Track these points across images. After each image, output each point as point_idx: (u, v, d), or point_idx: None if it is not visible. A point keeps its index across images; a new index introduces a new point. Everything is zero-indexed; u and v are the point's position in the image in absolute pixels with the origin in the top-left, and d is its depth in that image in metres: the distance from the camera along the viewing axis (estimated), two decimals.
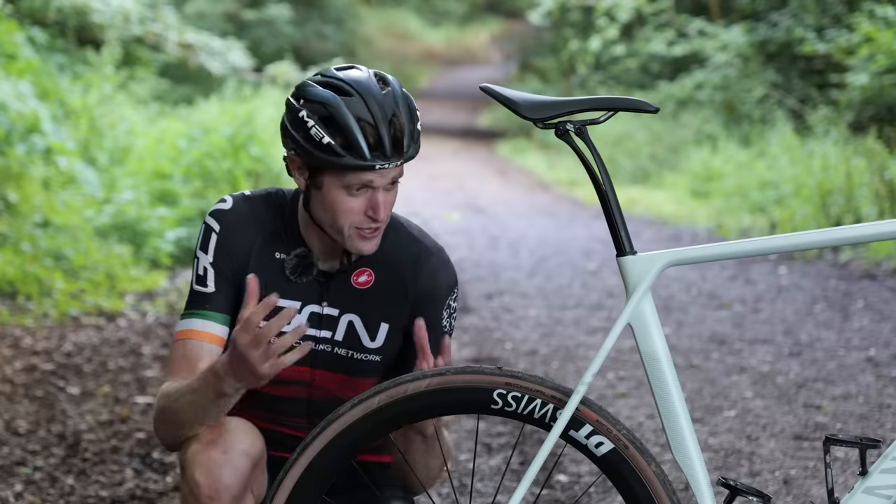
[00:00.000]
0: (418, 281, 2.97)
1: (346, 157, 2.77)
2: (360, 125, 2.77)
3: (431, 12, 42.80)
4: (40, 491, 4.73)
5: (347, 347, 2.97)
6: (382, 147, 2.78)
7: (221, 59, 17.54)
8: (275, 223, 2.96)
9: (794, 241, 2.67)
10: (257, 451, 2.82)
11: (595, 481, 4.49)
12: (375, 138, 2.77)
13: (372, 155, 2.78)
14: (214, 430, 2.80)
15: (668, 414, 2.65)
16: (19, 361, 6.66)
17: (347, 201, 2.82)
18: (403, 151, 2.80)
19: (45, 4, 14.50)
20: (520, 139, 23.82)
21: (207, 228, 2.94)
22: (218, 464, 2.76)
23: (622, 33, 21.01)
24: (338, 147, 2.78)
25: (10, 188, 8.87)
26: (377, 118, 2.78)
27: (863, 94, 13.72)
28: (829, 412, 5.79)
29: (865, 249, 9.96)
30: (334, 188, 2.82)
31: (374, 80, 2.83)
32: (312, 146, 2.79)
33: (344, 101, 2.79)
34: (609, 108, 2.70)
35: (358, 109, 2.78)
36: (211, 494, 2.75)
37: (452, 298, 2.99)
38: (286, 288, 2.93)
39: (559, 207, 15.13)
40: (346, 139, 2.77)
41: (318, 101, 2.80)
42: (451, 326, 3.00)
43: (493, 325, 8.03)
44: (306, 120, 2.80)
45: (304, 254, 2.94)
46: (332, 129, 2.78)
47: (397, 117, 2.80)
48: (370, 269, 2.96)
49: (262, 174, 11.81)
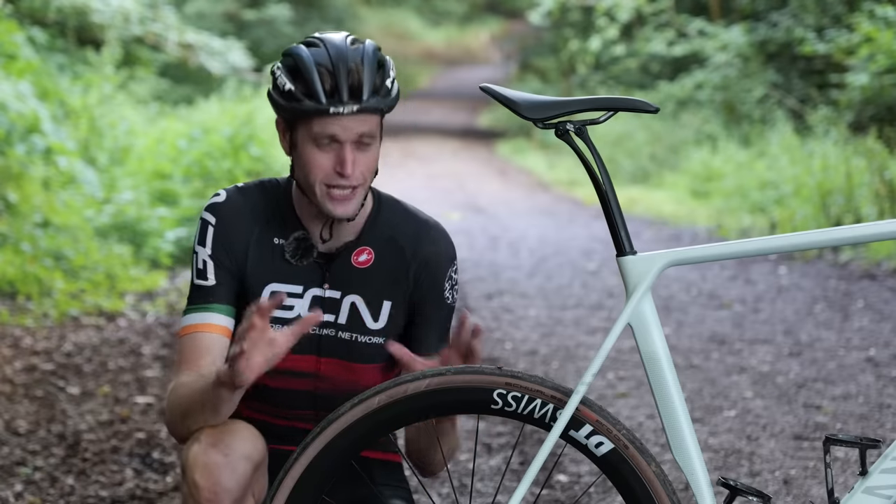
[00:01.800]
0: (418, 253, 2.99)
1: (303, 100, 2.83)
2: (318, 70, 2.83)
3: (431, 12, 42.81)
4: (40, 491, 4.73)
5: (351, 331, 2.97)
6: (339, 92, 2.82)
7: (221, 59, 17.54)
8: (271, 210, 2.97)
9: (794, 241, 2.67)
10: (259, 454, 2.82)
11: (595, 481, 4.49)
12: (332, 84, 2.82)
13: (328, 100, 2.82)
14: (216, 433, 2.79)
15: (668, 414, 2.65)
16: (19, 361, 6.66)
17: (317, 156, 2.86)
18: (362, 98, 2.83)
19: (45, 4, 14.50)
20: (520, 139, 23.81)
21: (204, 223, 2.95)
22: (218, 466, 2.76)
23: (622, 33, 21.00)
24: (298, 93, 2.84)
25: (10, 188, 8.87)
26: (336, 65, 2.83)
27: (863, 94, 13.72)
28: (829, 412, 5.79)
29: (865, 249, 9.96)
30: (306, 142, 2.86)
31: (347, 37, 2.89)
32: (280, 96, 2.87)
33: (310, 52, 2.86)
34: (609, 108, 2.70)
35: (319, 57, 2.84)
36: (210, 497, 2.75)
37: (453, 270, 3.01)
38: (288, 272, 2.95)
39: (559, 207, 15.13)
40: (306, 85, 2.83)
41: (290, 53, 2.89)
42: (454, 299, 3.02)
43: (493, 325, 8.03)
44: (276, 72, 2.89)
45: (302, 236, 2.95)
46: (295, 77, 2.85)
47: (357, 66, 2.83)
48: (370, 248, 2.98)
49: (261, 174, 11.82)
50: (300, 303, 2.95)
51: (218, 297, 2.91)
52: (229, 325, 2.91)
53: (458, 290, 3.08)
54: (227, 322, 2.91)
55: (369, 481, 2.93)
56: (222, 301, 2.91)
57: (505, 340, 7.56)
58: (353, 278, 2.97)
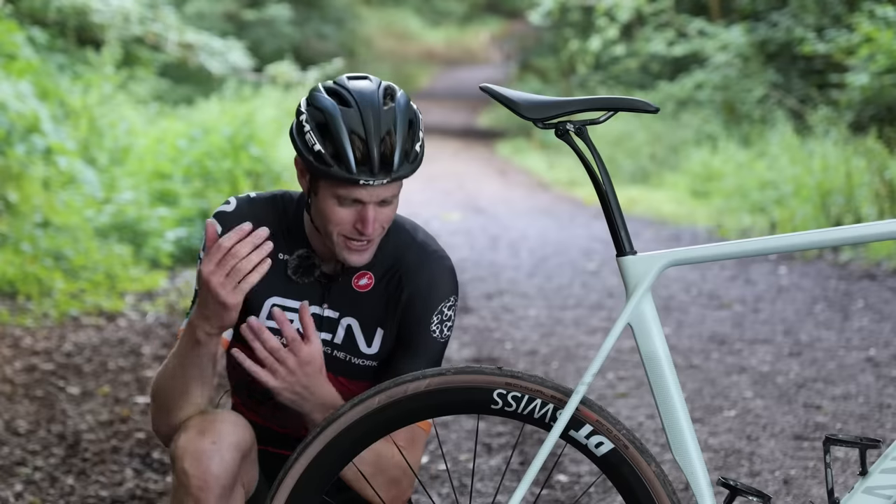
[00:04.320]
0: (413, 281, 2.95)
1: (333, 167, 2.78)
2: (351, 138, 2.77)
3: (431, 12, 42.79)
4: (40, 491, 4.73)
5: (346, 352, 2.98)
6: (370, 163, 2.77)
7: (221, 59, 17.53)
8: (279, 225, 2.96)
9: (794, 241, 2.67)
10: (247, 443, 2.83)
11: (595, 481, 4.49)
12: (363, 153, 2.77)
13: (359, 169, 2.77)
14: (204, 422, 2.81)
15: (668, 414, 2.65)
16: (19, 361, 6.66)
17: (338, 212, 2.83)
18: (392, 170, 2.78)
19: (45, 4, 14.50)
20: (520, 139, 23.81)
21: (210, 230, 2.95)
22: (207, 454, 2.77)
23: (622, 33, 20.99)
24: (327, 156, 2.78)
25: (10, 188, 8.86)
26: (370, 133, 2.77)
27: (863, 94, 13.71)
28: (829, 412, 5.79)
29: (865, 249, 9.96)
30: (327, 196, 2.83)
31: (380, 93, 2.82)
32: (307, 151, 2.80)
33: (341, 112, 2.79)
34: (609, 108, 2.70)
35: (352, 122, 2.78)
36: (200, 485, 2.76)
37: (447, 306, 2.95)
38: (289, 288, 2.95)
39: (559, 207, 15.13)
40: (336, 150, 2.78)
41: (319, 107, 2.81)
42: (443, 336, 2.95)
43: (493, 325, 8.03)
44: (304, 125, 2.81)
45: (306, 254, 2.95)
46: (325, 137, 2.79)
47: (391, 135, 2.78)
48: (370, 273, 2.97)
49: (261, 174, 11.81)
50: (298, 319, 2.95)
51: None
52: (226, 334, 2.92)
53: (451, 328, 2.97)
54: None
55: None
56: None
57: (505, 340, 7.56)
58: (351, 301, 2.96)
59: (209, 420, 2.81)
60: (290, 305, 2.95)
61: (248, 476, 2.88)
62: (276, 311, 2.80)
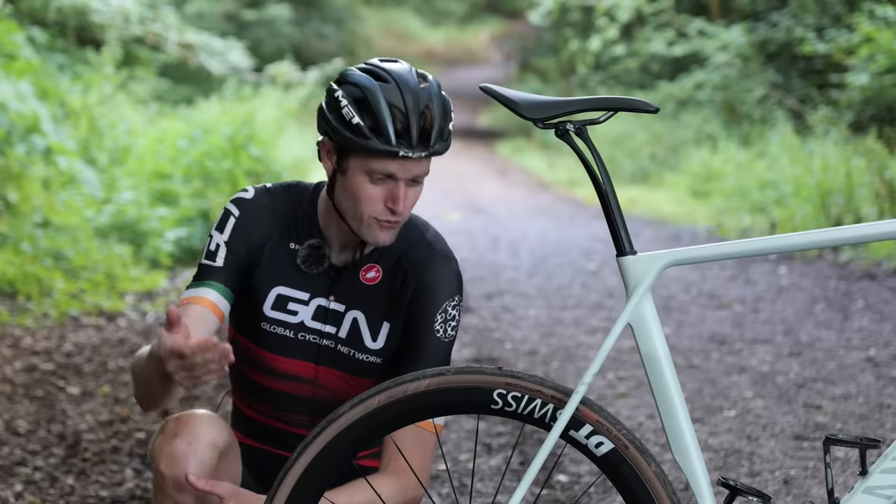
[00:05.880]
0: (418, 277, 2.96)
1: (372, 139, 2.79)
2: (392, 110, 2.79)
3: (431, 12, 42.79)
4: (40, 491, 4.73)
5: (350, 346, 2.98)
6: (409, 135, 2.79)
7: (221, 59, 17.54)
8: (292, 214, 2.97)
9: (794, 241, 2.67)
10: (223, 441, 2.84)
11: (595, 481, 4.49)
12: (404, 125, 2.78)
13: (398, 141, 2.79)
14: (179, 423, 2.83)
15: (668, 414, 2.65)
16: (19, 361, 6.66)
17: (369, 189, 2.83)
18: (429, 144, 2.80)
19: (45, 4, 14.50)
20: (520, 139, 23.82)
21: (227, 212, 2.96)
22: (183, 455, 2.79)
23: (622, 33, 20.99)
24: (366, 129, 2.79)
25: (10, 188, 8.86)
26: (409, 107, 2.79)
27: (863, 94, 13.71)
28: (829, 412, 5.79)
29: (865, 249, 9.96)
30: (358, 173, 2.83)
31: (413, 73, 2.85)
32: (342, 126, 2.81)
33: (379, 86, 2.81)
34: (609, 108, 2.70)
35: (391, 95, 2.80)
36: (176, 486, 2.78)
37: (451, 305, 2.96)
38: (297, 278, 2.96)
39: (559, 207, 15.14)
40: (375, 121, 2.79)
41: (355, 83, 2.83)
42: (447, 335, 2.95)
43: (493, 325, 8.03)
44: (340, 100, 2.82)
45: (317, 244, 2.96)
46: (363, 110, 2.80)
47: (429, 109, 2.80)
48: (378, 266, 2.97)
49: (262, 174, 11.82)
50: (305, 310, 2.97)
51: (219, 278, 2.91)
52: (222, 306, 2.90)
53: (455, 329, 2.97)
54: (220, 301, 2.90)
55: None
56: (222, 282, 2.91)
57: (505, 340, 7.56)
58: (358, 294, 2.97)
59: (184, 421, 2.83)
60: (296, 296, 2.96)
61: (229, 474, 2.89)
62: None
